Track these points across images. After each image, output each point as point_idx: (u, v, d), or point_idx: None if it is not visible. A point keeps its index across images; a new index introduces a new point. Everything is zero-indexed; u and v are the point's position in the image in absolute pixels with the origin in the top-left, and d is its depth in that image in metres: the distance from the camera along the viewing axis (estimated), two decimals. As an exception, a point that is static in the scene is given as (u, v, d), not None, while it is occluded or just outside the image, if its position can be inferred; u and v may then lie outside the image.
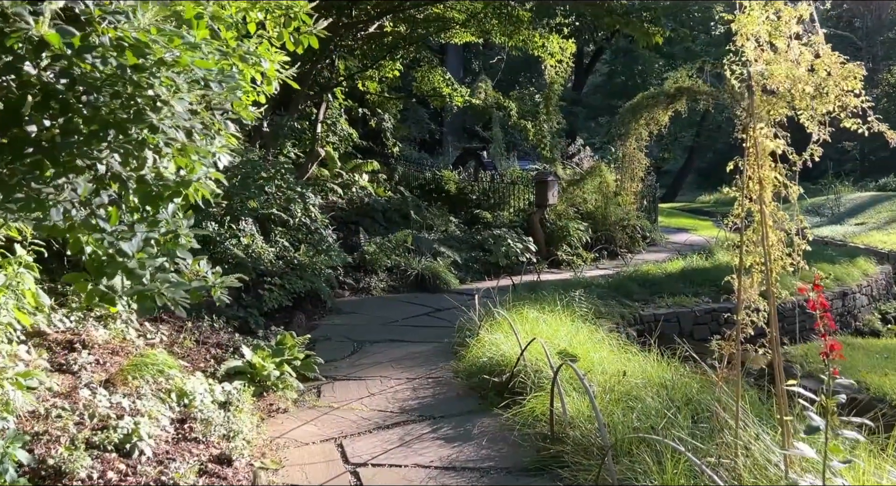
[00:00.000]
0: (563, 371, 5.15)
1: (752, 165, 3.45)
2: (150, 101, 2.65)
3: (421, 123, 25.06)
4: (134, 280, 2.65)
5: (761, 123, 3.45)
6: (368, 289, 9.59)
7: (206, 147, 3.43)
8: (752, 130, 3.40)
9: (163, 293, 2.68)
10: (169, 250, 2.80)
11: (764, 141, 3.42)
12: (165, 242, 2.80)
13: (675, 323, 9.57)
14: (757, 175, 3.44)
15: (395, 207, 12.29)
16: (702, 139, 40.34)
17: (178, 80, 2.76)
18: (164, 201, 2.93)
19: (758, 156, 3.41)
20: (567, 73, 13.77)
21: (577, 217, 13.13)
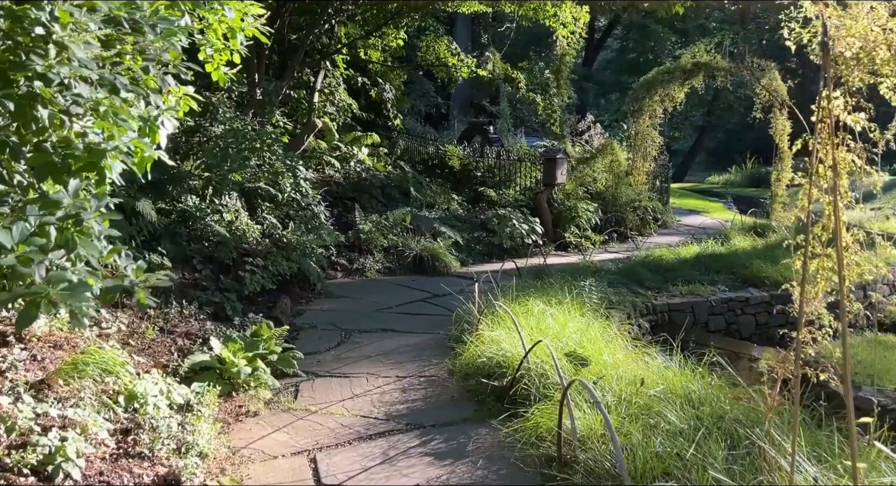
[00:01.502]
0: (574, 373, 4.52)
1: (823, 145, 2.76)
2: (38, 41, 1.98)
3: (426, 96, 24.22)
4: (13, 281, 2.00)
5: (837, 91, 2.75)
6: (362, 270, 8.95)
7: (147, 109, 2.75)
8: (825, 101, 2.70)
9: (55, 299, 2.02)
10: (68, 239, 2.12)
11: (842, 114, 2.72)
12: (65, 228, 2.13)
13: (690, 313, 8.93)
14: (830, 158, 2.75)
15: (394, 183, 11.60)
16: (713, 118, 39.40)
17: (81, 16, 2.07)
18: (73, 175, 2.27)
19: (832, 133, 2.72)
20: (579, 45, 12.99)
21: (586, 197, 12.43)
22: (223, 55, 5.04)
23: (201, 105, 8.29)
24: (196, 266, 6.81)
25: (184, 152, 7.82)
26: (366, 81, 13.87)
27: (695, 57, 14.19)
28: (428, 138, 15.78)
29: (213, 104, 8.47)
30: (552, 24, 12.00)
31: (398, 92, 15.35)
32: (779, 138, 14.20)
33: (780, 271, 10.04)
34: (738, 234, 12.16)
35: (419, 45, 14.40)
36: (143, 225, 6.46)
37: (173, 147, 7.75)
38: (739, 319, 9.33)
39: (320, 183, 10.61)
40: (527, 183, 13.20)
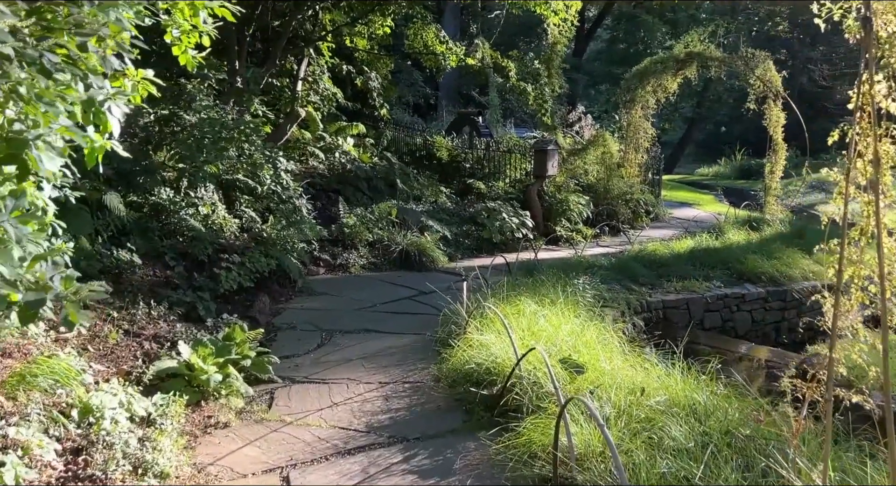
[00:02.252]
0: (570, 381, 4.20)
1: (864, 136, 2.43)
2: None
3: (414, 86, 23.81)
4: None
5: (879, 74, 2.42)
6: (346, 266, 8.60)
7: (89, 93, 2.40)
8: (865, 86, 2.37)
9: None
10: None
11: (884, 102, 2.39)
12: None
13: (685, 310, 8.65)
14: (871, 150, 2.42)
15: (380, 175, 11.23)
16: (702, 110, 39.24)
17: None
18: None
19: (874, 122, 2.39)
20: (571, 34, 12.63)
21: (577, 190, 12.11)
22: (191, 37, 4.67)
23: (176, 93, 7.92)
24: (168, 263, 6.44)
25: (157, 142, 7.43)
26: (351, 70, 13.47)
27: (688, 47, 13.88)
28: (415, 129, 15.41)
29: (189, 92, 8.07)
30: (543, 11, 11.65)
31: (385, 81, 14.93)
32: (773, 130, 13.92)
33: (776, 266, 9.80)
34: (732, 228, 11.89)
35: (406, 33, 14.01)
36: (110, 220, 6.09)
37: (145, 137, 7.37)
38: (735, 316, 9.07)
39: (303, 175, 10.24)
40: (517, 175, 12.86)
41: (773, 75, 13.57)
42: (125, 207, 6.32)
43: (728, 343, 8.11)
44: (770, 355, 7.45)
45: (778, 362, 7.07)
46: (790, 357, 7.17)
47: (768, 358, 7.24)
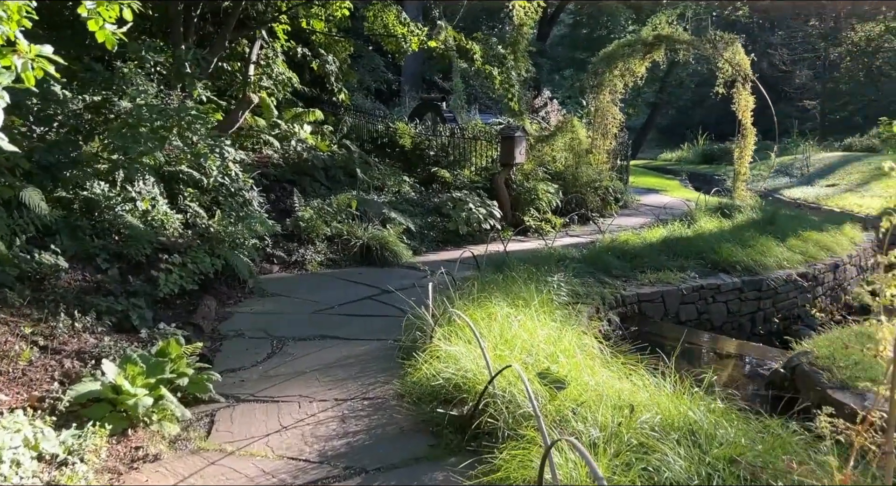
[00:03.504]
0: (550, 399, 3.72)
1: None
2: None
3: (375, 71, 23.10)
4: None
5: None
6: (302, 263, 8.00)
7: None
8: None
9: None
10: None
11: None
12: None
13: (660, 303, 8.28)
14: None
15: (339, 164, 10.62)
16: (665, 95, 39.23)
17: None
18: None
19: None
20: (537, 16, 12.12)
21: (546, 178, 11.64)
22: (110, 10, 4.06)
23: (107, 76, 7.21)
24: (100, 266, 5.80)
25: (87, 132, 6.73)
26: (307, 53, 12.77)
27: (656, 29, 13.49)
28: (377, 115, 14.78)
29: (126, 75, 7.37)
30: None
31: (344, 65, 14.26)
32: (742, 114, 13.64)
33: (750, 254, 9.50)
34: (703, 215, 11.57)
35: (366, 16, 13.36)
36: (31, 218, 5.42)
37: (75, 125, 6.67)
38: (710, 307, 8.73)
39: (256, 164, 9.58)
40: (483, 163, 12.35)
41: (741, 58, 13.26)
42: (49, 204, 5.65)
43: (710, 341, 7.75)
44: (755, 351, 7.09)
45: (764, 359, 6.70)
46: (776, 355, 6.81)
47: (755, 356, 6.87)
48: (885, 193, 17.98)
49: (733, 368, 6.66)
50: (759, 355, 7.01)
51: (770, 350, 7.24)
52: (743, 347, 7.31)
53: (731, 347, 7.27)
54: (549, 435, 2.99)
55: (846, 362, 5.47)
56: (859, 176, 21.15)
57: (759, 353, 7.08)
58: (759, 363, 6.67)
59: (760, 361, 6.72)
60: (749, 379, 6.33)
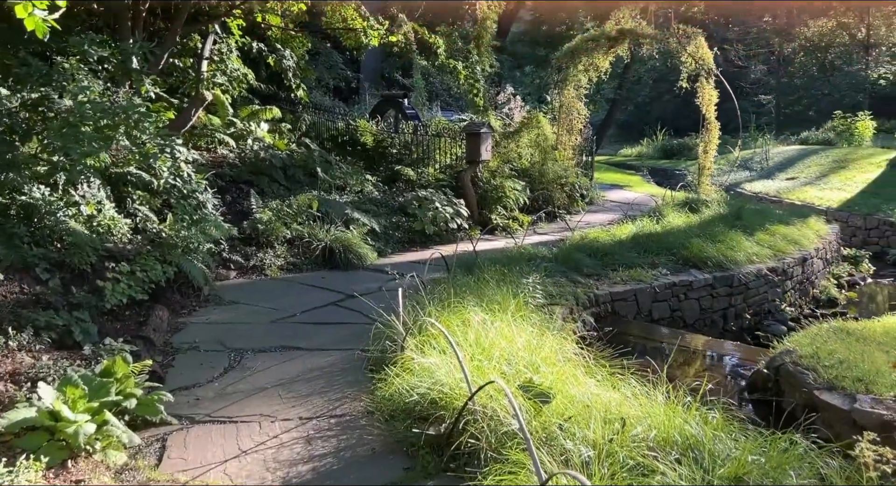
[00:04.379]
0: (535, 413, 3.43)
1: None
2: None
3: (334, 68, 22.64)
4: None
5: None
6: (261, 268, 7.60)
7: None
8: None
9: None
10: None
11: None
12: None
13: (633, 302, 8.09)
14: None
15: (299, 163, 10.19)
16: (623, 91, 39.46)
17: None
18: None
19: None
20: (500, 9, 11.85)
21: (512, 175, 11.38)
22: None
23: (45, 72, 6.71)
24: (40, 276, 5.33)
25: (24, 132, 6.24)
26: (263, 48, 12.29)
27: (619, 23, 13.33)
28: (337, 113, 14.36)
29: (67, 71, 6.87)
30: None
31: (302, 61, 13.81)
32: (706, 108, 13.56)
33: (720, 250, 9.39)
34: (671, 210, 11.45)
35: (325, 10, 12.94)
36: (-41, 226, 4.95)
37: (10, 125, 6.17)
38: (683, 304, 8.58)
39: (210, 165, 9.13)
40: (447, 160, 12.04)
41: (704, 53, 13.18)
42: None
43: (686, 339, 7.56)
44: (734, 350, 6.92)
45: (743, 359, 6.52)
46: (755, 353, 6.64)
47: (732, 354, 6.69)
48: (844, 186, 18.19)
49: (712, 368, 6.47)
50: (739, 353, 6.84)
51: (749, 348, 7.08)
52: (721, 345, 7.14)
53: (708, 346, 7.08)
54: (538, 457, 2.70)
55: (831, 361, 5.31)
56: (818, 169, 21.39)
57: (739, 352, 6.91)
58: (738, 363, 6.50)
59: (740, 360, 6.55)
60: (730, 379, 6.14)
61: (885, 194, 16.15)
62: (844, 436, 4.49)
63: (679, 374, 6.26)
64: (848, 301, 11.08)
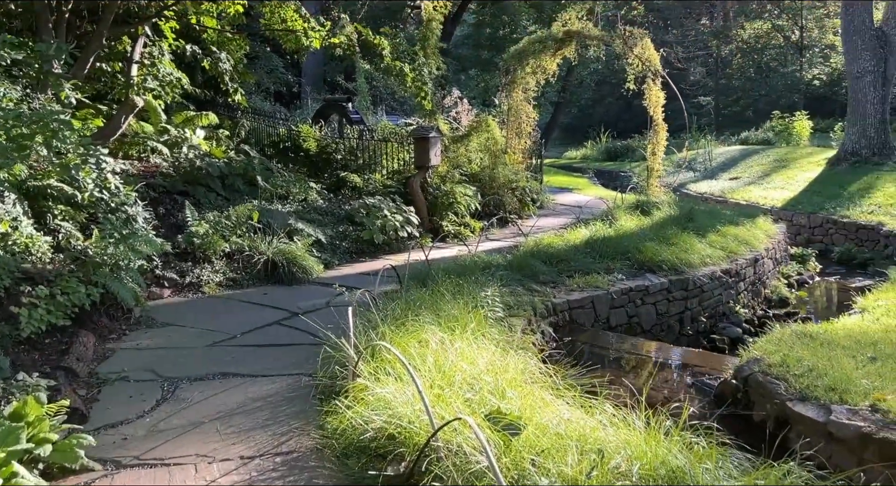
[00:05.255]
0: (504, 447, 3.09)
1: None
2: None
3: (274, 73, 22.03)
4: None
5: None
6: (199, 285, 7.08)
7: None
8: None
9: None
10: None
11: None
12: None
13: (591, 309, 7.85)
14: None
15: (238, 172, 9.67)
16: (567, 94, 39.78)
17: None
18: None
19: None
20: (446, 10, 11.55)
21: (463, 180, 11.08)
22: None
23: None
24: (-57, 304, 4.77)
25: (-75, 141, 5.62)
26: (197, 51, 11.70)
27: (566, 25, 13.19)
28: (278, 118, 13.83)
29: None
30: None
31: (240, 65, 13.24)
32: (653, 110, 13.53)
33: (675, 253, 9.26)
34: (623, 213, 11.31)
35: (263, 12, 12.42)
36: None
37: None
38: (640, 310, 8.40)
39: (142, 175, 8.56)
40: (395, 166, 11.66)
41: (651, 54, 13.14)
42: None
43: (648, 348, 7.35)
44: (696, 358, 6.72)
45: (707, 368, 6.32)
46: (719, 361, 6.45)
47: (696, 364, 6.49)
48: (787, 185, 18.49)
49: (676, 377, 6.26)
50: (701, 362, 6.64)
51: (712, 356, 6.91)
52: (684, 354, 6.94)
53: (670, 354, 6.88)
54: None
55: (800, 369, 5.13)
56: (760, 169, 21.75)
57: (702, 360, 6.71)
58: (703, 371, 6.29)
59: (704, 369, 6.34)
60: (695, 391, 5.92)
61: (827, 193, 16.44)
62: (821, 449, 4.29)
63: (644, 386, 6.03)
64: (798, 301, 11.12)
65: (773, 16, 35.31)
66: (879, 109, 17.63)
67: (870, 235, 13.88)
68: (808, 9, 33.65)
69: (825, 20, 33.80)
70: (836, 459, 4.25)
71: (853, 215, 14.64)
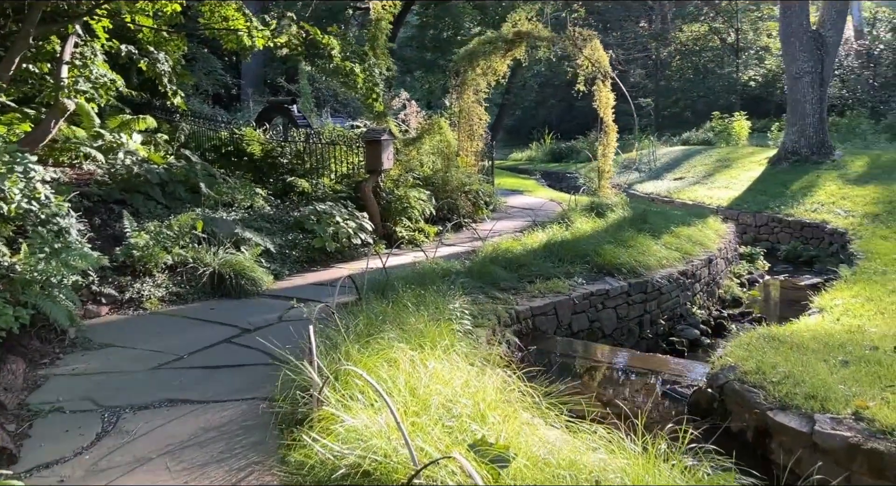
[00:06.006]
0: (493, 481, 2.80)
1: None
2: None
3: (213, 74, 21.34)
4: None
5: None
6: (139, 301, 6.59)
7: None
8: None
9: None
10: None
11: None
12: None
13: (553, 316, 7.66)
14: None
15: (179, 178, 9.14)
16: (511, 96, 39.89)
17: None
18: None
19: None
20: (396, 9, 11.22)
21: (416, 184, 10.77)
22: None
23: None
24: None
25: None
26: (133, 51, 11.08)
27: (515, 25, 13.04)
28: (219, 121, 13.27)
29: None
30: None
31: (178, 66, 12.63)
32: (603, 111, 13.51)
33: (632, 255, 9.18)
34: (578, 215, 11.19)
35: (202, 11, 11.86)
36: None
37: None
38: (601, 314, 8.26)
39: (75, 183, 7.99)
40: (344, 170, 11.28)
41: (600, 55, 13.10)
42: None
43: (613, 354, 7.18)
44: (662, 365, 6.56)
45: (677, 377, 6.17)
46: (690, 370, 6.31)
47: (666, 371, 6.32)
48: (731, 184, 18.77)
49: (645, 386, 6.08)
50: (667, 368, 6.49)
51: (679, 362, 6.77)
52: (650, 360, 6.78)
53: (638, 361, 6.71)
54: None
55: (776, 376, 5.00)
56: (703, 168, 22.06)
57: (665, 366, 6.56)
58: (672, 379, 6.14)
59: (674, 375, 6.19)
60: (668, 400, 5.76)
61: (771, 192, 16.72)
62: (806, 461, 4.15)
63: (615, 395, 5.84)
64: (751, 300, 11.19)
65: (709, 18, 36.09)
66: (817, 109, 18.05)
67: (814, 233, 14.13)
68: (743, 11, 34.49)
69: (759, 23, 34.71)
70: (822, 471, 4.10)
71: (797, 214, 14.90)
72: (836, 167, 17.33)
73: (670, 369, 6.36)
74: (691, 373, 6.20)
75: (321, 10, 30.14)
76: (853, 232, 12.80)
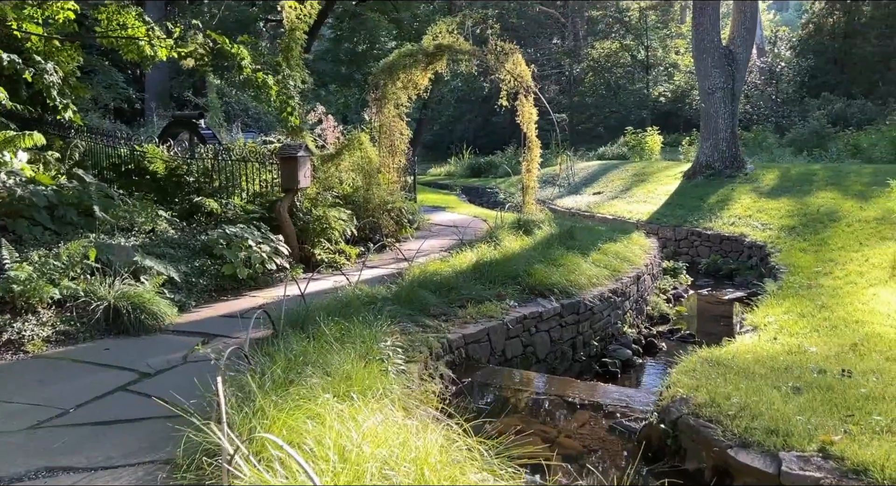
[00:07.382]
0: None
1: None
2: None
3: (114, 87, 20.07)
4: None
5: None
6: (20, 343, 5.72)
7: None
8: None
9: None
10: None
11: None
12: None
13: (487, 343, 7.22)
14: None
15: (70, 201, 8.22)
16: (428, 111, 39.71)
17: None
18: None
19: None
20: (311, 19, 10.62)
21: (336, 203, 10.15)
22: None
23: None
24: None
25: None
26: (17, 61, 10.05)
27: (436, 38, 12.65)
28: (119, 137, 12.28)
29: None
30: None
31: (72, 78, 11.61)
32: (526, 126, 13.28)
33: (563, 274, 8.87)
34: (505, 233, 10.84)
35: (99, 20, 10.92)
36: None
37: None
38: (534, 338, 7.90)
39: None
40: (256, 188, 10.54)
41: (523, 70, 12.88)
42: None
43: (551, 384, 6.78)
44: (608, 395, 6.19)
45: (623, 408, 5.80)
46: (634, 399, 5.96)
47: (609, 402, 5.95)
48: (648, 199, 18.97)
49: (591, 419, 5.69)
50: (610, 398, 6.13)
51: (622, 391, 6.43)
52: (592, 390, 6.40)
53: (578, 390, 6.32)
54: None
55: (731, 408, 4.68)
56: (621, 183, 22.30)
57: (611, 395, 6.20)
58: (616, 410, 5.77)
59: (619, 407, 5.82)
60: (616, 435, 5.37)
61: (688, 205, 16.94)
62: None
63: (559, 433, 5.42)
64: (678, 316, 11.12)
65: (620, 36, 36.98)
66: (730, 124, 18.50)
67: (734, 246, 14.32)
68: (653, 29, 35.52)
69: (668, 41, 35.81)
70: (792, 514, 3.78)
71: (716, 227, 15.09)
72: (750, 181, 17.75)
73: (613, 399, 6.00)
74: (635, 403, 5.86)
75: (230, 21, 29.09)
76: (772, 245, 12.99)
